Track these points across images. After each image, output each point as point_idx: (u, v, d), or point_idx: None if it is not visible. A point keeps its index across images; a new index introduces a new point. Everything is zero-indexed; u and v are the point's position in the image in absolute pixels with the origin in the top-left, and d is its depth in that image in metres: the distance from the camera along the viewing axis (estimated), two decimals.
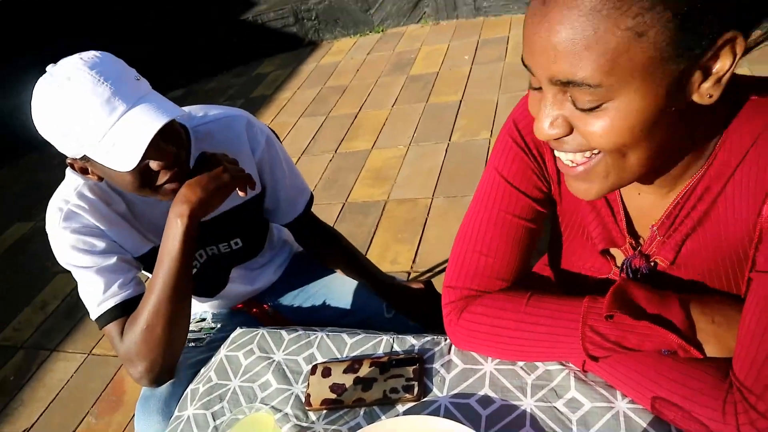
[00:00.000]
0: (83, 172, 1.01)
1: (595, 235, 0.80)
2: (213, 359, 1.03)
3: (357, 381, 0.88)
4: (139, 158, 0.89)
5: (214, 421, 0.90)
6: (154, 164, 0.96)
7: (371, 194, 2.87)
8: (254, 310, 1.35)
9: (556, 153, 0.65)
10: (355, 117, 3.66)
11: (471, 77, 3.72)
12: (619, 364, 0.72)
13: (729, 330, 0.66)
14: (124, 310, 1.02)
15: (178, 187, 0.99)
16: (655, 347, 0.68)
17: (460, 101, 3.47)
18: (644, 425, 0.71)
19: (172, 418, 0.94)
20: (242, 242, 1.25)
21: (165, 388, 1.13)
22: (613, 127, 0.56)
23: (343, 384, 0.88)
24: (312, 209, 1.35)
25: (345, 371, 0.90)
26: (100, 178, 1.02)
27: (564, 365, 0.81)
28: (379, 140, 3.33)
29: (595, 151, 0.61)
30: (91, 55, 0.92)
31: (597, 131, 0.57)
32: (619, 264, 0.81)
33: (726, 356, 0.66)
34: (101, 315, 1.02)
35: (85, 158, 0.95)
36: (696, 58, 0.53)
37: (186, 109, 1.16)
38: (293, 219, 1.32)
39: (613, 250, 0.81)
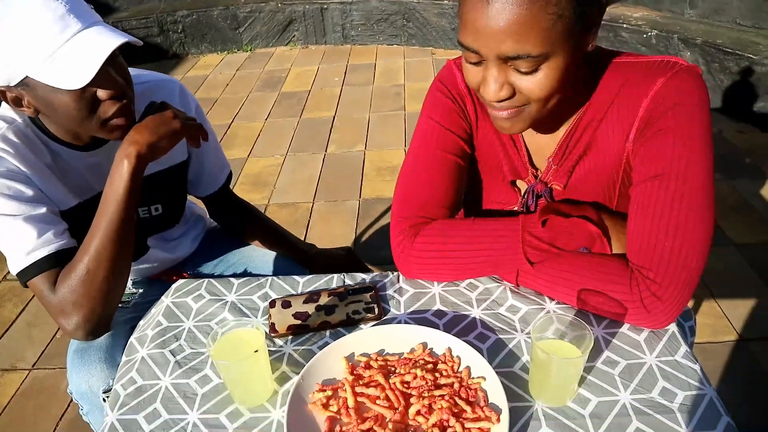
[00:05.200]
0: (16, 103, 0.95)
1: (506, 169, 0.99)
2: (154, 309, 1.02)
3: (319, 308, 0.94)
4: (94, 73, 0.87)
5: (174, 357, 0.90)
6: (102, 93, 0.93)
7: (251, 199, 2.81)
8: (174, 278, 1.32)
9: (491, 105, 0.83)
10: (228, 127, 3.63)
11: (342, 97, 3.91)
12: (549, 269, 0.89)
13: (624, 232, 0.87)
14: (58, 261, 0.96)
15: (124, 124, 0.98)
16: (579, 245, 0.87)
17: (334, 117, 3.63)
18: (570, 318, 0.89)
19: (122, 362, 0.91)
20: (162, 209, 1.24)
21: (104, 339, 1.07)
22: (549, 82, 0.76)
23: (306, 311, 0.94)
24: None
25: (305, 302, 0.96)
26: (36, 111, 0.96)
27: (499, 282, 0.96)
28: (255, 149, 3.35)
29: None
30: None
31: (537, 87, 0.77)
32: (523, 194, 1.00)
33: (622, 252, 0.86)
34: (30, 265, 0.95)
35: (23, 84, 0.90)
36: (590, 22, 0.75)
37: None
38: (213, 192, 1.35)
39: (519, 183, 1.01)
